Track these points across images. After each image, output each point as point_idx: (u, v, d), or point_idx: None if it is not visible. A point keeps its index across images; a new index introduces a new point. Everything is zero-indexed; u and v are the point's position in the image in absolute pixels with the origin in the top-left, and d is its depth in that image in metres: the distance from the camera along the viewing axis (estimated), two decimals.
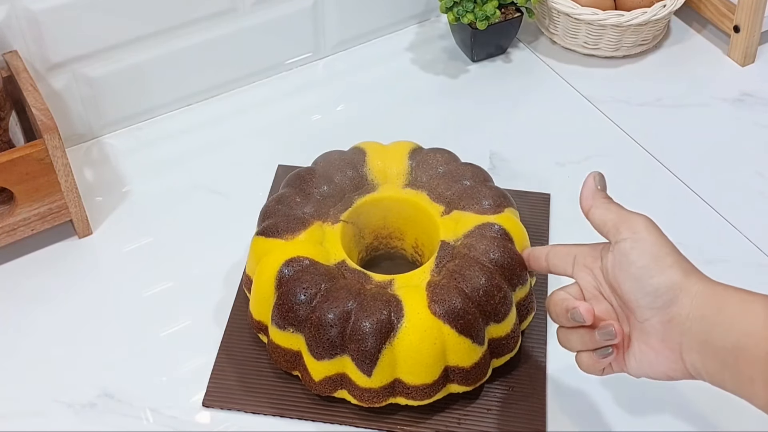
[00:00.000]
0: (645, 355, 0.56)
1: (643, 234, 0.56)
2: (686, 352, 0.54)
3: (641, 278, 0.55)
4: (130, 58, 0.88)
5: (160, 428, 0.68)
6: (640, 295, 0.55)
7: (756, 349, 0.50)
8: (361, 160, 0.75)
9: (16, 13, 0.80)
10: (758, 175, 0.89)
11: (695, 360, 0.53)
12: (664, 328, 0.54)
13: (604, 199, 0.59)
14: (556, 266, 0.62)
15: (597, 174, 0.61)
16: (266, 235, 0.70)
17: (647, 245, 0.55)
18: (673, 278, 0.54)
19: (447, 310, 0.64)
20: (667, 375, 0.56)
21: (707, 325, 0.52)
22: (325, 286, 0.65)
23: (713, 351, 0.52)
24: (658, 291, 0.54)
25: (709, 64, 1.02)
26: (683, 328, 0.53)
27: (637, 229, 0.56)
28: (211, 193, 0.86)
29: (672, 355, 0.54)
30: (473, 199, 0.72)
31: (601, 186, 0.60)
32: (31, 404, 0.69)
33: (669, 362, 0.55)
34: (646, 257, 0.55)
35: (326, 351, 0.64)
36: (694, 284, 0.53)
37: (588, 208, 0.60)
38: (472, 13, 0.95)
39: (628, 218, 0.57)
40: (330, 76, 1.00)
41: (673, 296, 0.54)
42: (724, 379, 0.52)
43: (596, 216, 0.59)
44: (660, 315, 0.54)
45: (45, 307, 0.76)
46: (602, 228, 0.58)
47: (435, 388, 0.66)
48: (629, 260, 0.55)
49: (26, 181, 0.74)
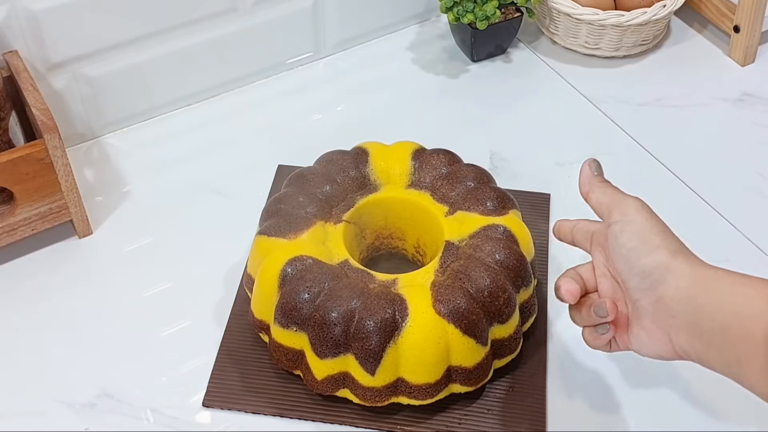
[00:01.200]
0: (639, 335, 0.57)
1: (633, 216, 0.56)
2: (674, 332, 0.54)
3: (630, 259, 0.55)
4: (130, 58, 0.88)
5: (160, 428, 0.68)
6: (629, 276, 0.56)
7: (743, 329, 0.50)
8: (363, 161, 0.75)
9: (16, 13, 0.80)
10: (758, 175, 0.89)
11: (683, 341, 0.53)
12: (654, 309, 0.55)
13: (600, 183, 0.60)
14: (579, 242, 0.63)
15: (592, 160, 0.62)
16: (269, 234, 0.70)
17: (636, 227, 0.56)
18: (660, 258, 0.54)
19: (452, 310, 0.64)
20: (659, 355, 0.56)
21: (694, 306, 0.52)
22: (329, 284, 0.65)
23: (700, 331, 0.52)
24: (645, 272, 0.54)
25: (709, 64, 1.02)
26: (671, 309, 0.54)
27: (628, 211, 0.57)
28: (211, 193, 0.86)
29: (662, 336, 0.55)
30: (477, 201, 0.72)
31: (597, 171, 0.61)
32: (31, 404, 0.69)
33: (660, 343, 0.55)
34: (635, 239, 0.55)
35: (330, 350, 0.64)
36: (681, 264, 0.54)
37: (586, 193, 0.60)
38: (472, 13, 0.95)
39: (621, 201, 0.58)
40: (330, 76, 1.00)
41: (659, 276, 0.54)
42: (711, 359, 0.52)
43: (593, 200, 0.60)
44: (648, 295, 0.55)
45: (45, 307, 0.76)
46: (599, 211, 0.59)
47: (437, 388, 0.66)
48: (619, 242, 0.56)
49: (26, 181, 0.74)
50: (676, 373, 0.71)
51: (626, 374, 0.71)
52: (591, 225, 0.62)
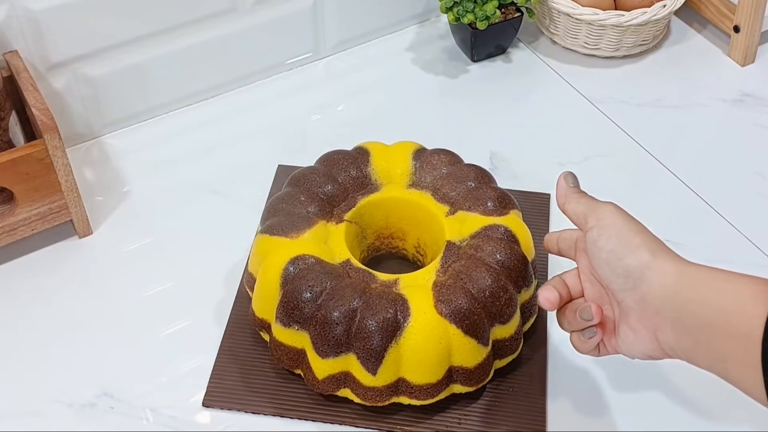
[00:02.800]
0: (627, 335, 0.57)
1: (609, 220, 0.57)
2: (660, 330, 0.54)
3: (610, 262, 0.56)
4: (130, 58, 0.88)
5: (160, 428, 0.68)
6: (612, 278, 0.56)
7: (727, 326, 0.50)
8: (364, 160, 0.75)
9: (16, 13, 0.80)
10: (758, 175, 0.89)
11: (670, 338, 0.54)
12: (639, 308, 0.55)
13: (575, 193, 0.61)
14: (565, 251, 0.64)
15: (567, 173, 0.63)
16: (271, 233, 0.70)
17: (613, 230, 0.56)
18: (641, 257, 0.54)
19: (453, 310, 0.64)
20: (647, 354, 0.56)
21: (679, 303, 0.53)
22: (331, 284, 0.65)
23: (685, 329, 0.52)
24: (627, 271, 0.55)
25: (709, 64, 1.02)
26: (656, 306, 0.54)
27: (603, 215, 0.57)
28: (211, 193, 0.86)
29: (648, 335, 0.55)
30: (478, 200, 0.72)
31: (573, 183, 0.62)
32: (31, 404, 0.69)
33: (647, 342, 0.55)
34: (613, 241, 0.56)
35: (331, 349, 0.64)
36: (663, 263, 0.54)
37: (562, 204, 0.61)
38: (472, 13, 0.95)
39: (595, 207, 0.58)
40: (330, 76, 1.00)
41: (641, 275, 0.54)
42: (697, 356, 0.53)
43: (569, 210, 0.60)
44: (632, 295, 0.55)
45: (45, 307, 0.76)
46: (575, 220, 0.60)
47: (438, 388, 0.66)
48: (597, 246, 0.57)
49: (26, 181, 0.74)
50: (676, 374, 0.71)
51: (626, 374, 0.71)
52: (574, 233, 0.62)
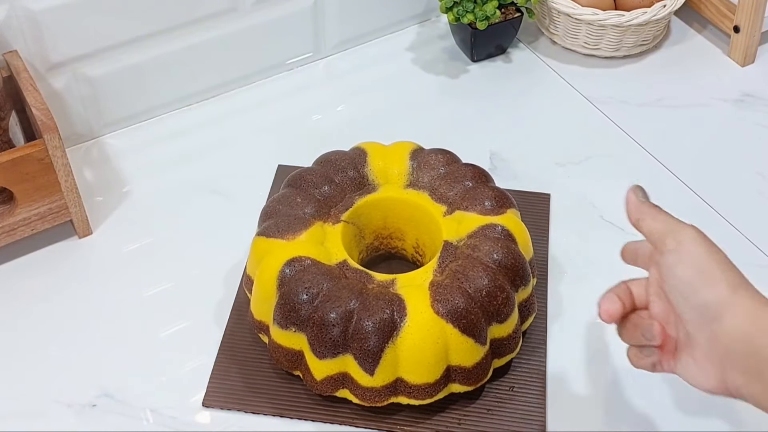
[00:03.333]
0: (688, 365, 0.54)
1: (689, 246, 0.53)
2: (729, 371, 0.51)
3: (685, 293, 0.52)
4: (130, 58, 0.88)
5: (160, 428, 0.68)
6: (685, 309, 0.53)
7: None
8: (362, 161, 0.75)
9: (16, 13, 0.80)
10: (758, 175, 0.89)
11: (738, 380, 0.51)
12: (709, 345, 0.52)
13: (651, 209, 0.56)
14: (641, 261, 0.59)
15: (636, 187, 0.58)
16: (267, 235, 0.70)
17: (693, 258, 0.52)
18: (720, 293, 0.51)
19: (450, 310, 0.64)
20: (706, 389, 0.53)
21: (751, 346, 0.49)
22: (327, 285, 0.65)
23: (758, 373, 0.49)
24: (704, 306, 0.51)
25: (709, 64, 1.02)
26: (727, 347, 0.51)
27: (683, 239, 0.53)
28: (211, 193, 0.86)
29: (715, 373, 0.52)
30: (475, 200, 0.72)
31: (644, 198, 0.57)
32: (31, 404, 0.69)
33: (711, 379, 0.53)
34: (691, 271, 0.52)
35: (329, 350, 0.64)
36: (740, 300, 0.51)
37: (636, 221, 0.57)
38: (472, 13, 0.95)
39: (675, 229, 0.54)
40: (330, 76, 1.00)
41: (717, 313, 0.51)
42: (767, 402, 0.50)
43: (644, 227, 0.56)
44: (704, 331, 0.52)
45: (45, 307, 0.76)
46: (652, 239, 0.56)
47: (437, 388, 0.66)
48: (674, 274, 0.53)
49: (26, 181, 0.74)
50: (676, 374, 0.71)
51: (626, 374, 0.71)
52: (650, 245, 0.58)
